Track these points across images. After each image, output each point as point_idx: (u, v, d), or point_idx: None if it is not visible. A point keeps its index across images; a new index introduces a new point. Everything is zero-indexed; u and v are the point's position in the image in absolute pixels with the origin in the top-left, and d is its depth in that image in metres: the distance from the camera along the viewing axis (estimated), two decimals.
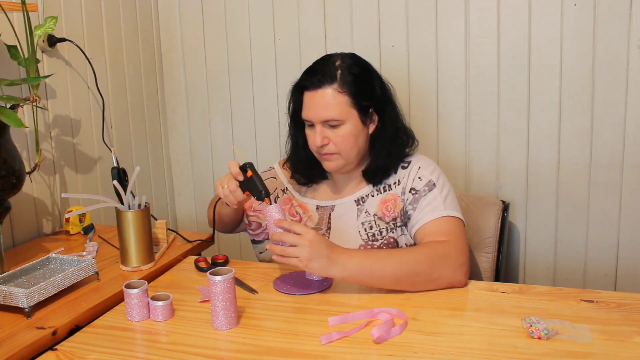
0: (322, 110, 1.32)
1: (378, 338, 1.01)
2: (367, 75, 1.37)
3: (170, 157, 2.30)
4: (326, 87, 1.31)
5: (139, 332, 1.11)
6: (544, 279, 1.89)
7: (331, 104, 1.31)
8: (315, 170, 1.46)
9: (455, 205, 1.34)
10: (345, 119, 1.32)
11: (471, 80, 1.84)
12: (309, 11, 1.99)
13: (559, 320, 1.05)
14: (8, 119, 1.29)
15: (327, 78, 1.32)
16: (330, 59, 1.36)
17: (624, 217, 1.77)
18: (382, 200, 1.39)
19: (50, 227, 1.72)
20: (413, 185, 1.36)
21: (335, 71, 1.32)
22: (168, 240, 1.56)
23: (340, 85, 1.31)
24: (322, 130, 1.33)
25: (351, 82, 1.32)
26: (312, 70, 1.37)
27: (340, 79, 1.32)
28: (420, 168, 1.38)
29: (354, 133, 1.34)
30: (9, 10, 1.54)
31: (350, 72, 1.33)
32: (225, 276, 1.07)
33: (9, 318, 1.14)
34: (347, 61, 1.35)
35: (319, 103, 1.32)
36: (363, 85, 1.34)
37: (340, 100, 1.31)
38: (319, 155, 1.39)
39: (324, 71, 1.33)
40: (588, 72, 1.72)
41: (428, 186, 1.34)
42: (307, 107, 1.34)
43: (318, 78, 1.32)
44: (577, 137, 1.77)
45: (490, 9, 1.78)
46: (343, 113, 1.31)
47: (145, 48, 2.13)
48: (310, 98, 1.33)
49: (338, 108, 1.31)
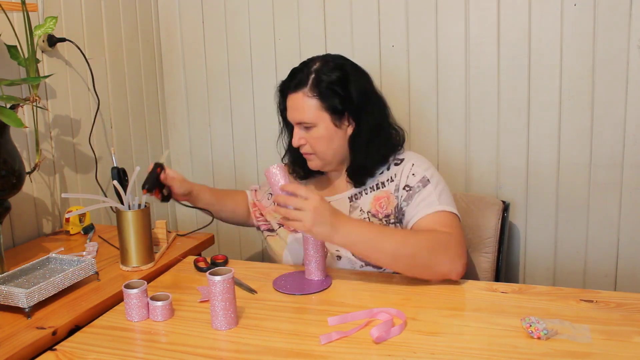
0: (295, 112, 1.38)
1: (377, 338, 1.01)
2: (344, 79, 1.37)
3: (170, 157, 2.30)
4: (299, 91, 1.37)
5: (139, 332, 1.11)
6: (543, 279, 1.89)
7: (302, 107, 1.36)
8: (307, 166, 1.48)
9: (450, 201, 1.35)
10: (316, 122, 1.36)
11: (471, 80, 1.84)
12: (309, 11, 1.99)
13: (559, 320, 1.05)
14: (8, 119, 1.30)
15: (301, 82, 1.37)
16: (310, 62, 1.40)
17: (624, 217, 1.77)
18: (375, 197, 1.41)
19: (50, 227, 1.72)
20: (407, 182, 1.37)
21: (309, 76, 1.37)
22: (168, 240, 1.56)
23: (311, 90, 1.36)
24: (298, 131, 1.39)
25: (323, 87, 1.35)
26: (292, 72, 1.42)
27: (311, 84, 1.36)
28: (413, 165, 1.39)
29: (325, 135, 1.37)
30: (9, 10, 1.54)
31: (324, 77, 1.35)
32: (224, 276, 1.07)
33: (9, 318, 1.14)
34: (326, 65, 1.38)
35: (294, 106, 1.38)
36: (336, 90, 1.35)
37: (310, 104, 1.35)
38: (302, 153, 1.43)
39: (299, 75, 1.38)
40: (588, 72, 1.72)
41: (422, 182, 1.36)
42: (287, 108, 1.41)
43: (294, 82, 1.38)
44: (577, 137, 1.77)
45: (490, 9, 1.78)
46: (313, 116, 1.36)
47: (145, 48, 2.13)
48: (289, 100, 1.40)
49: (308, 111, 1.36)
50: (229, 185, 2.25)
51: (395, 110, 1.51)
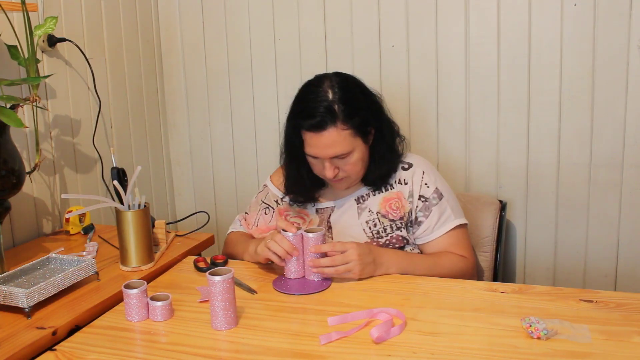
0: (329, 149, 1.32)
1: (377, 338, 1.01)
2: (362, 98, 1.36)
3: (170, 157, 2.31)
4: (330, 127, 1.30)
5: (139, 332, 1.11)
6: (543, 279, 1.89)
7: (338, 141, 1.31)
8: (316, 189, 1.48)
9: (459, 208, 1.44)
10: (353, 150, 1.34)
11: (471, 80, 1.84)
12: (309, 11, 1.99)
13: (559, 320, 1.05)
14: (8, 119, 1.30)
15: (327, 118, 1.29)
16: (319, 92, 1.33)
17: (624, 217, 1.77)
18: (384, 198, 1.42)
19: (50, 227, 1.72)
20: (421, 192, 1.41)
21: (333, 106, 1.30)
22: (167, 240, 1.56)
23: (342, 122, 1.30)
24: (331, 164, 1.34)
25: (351, 114, 1.31)
26: (309, 110, 1.32)
27: (340, 115, 1.30)
28: (424, 173, 1.43)
29: (361, 157, 1.37)
30: (9, 10, 1.54)
31: (347, 104, 1.31)
32: (224, 276, 1.07)
33: (9, 318, 1.14)
34: (338, 91, 1.32)
35: (326, 143, 1.31)
36: (361, 112, 1.34)
37: (346, 135, 1.31)
38: (328, 180, 1.40)
39: (321, 112, 1.30)
40: (588, 72, 1.72)
41: (437, 194, 1.41)
42: (312, 146, 1.33)
43: (318, 120, 1.30)
44: (577, 137, 1.77)
45: (490, 9, 1.78)
46: (350, 146, 1.33)
47: (145, 48, 2.13)
48: (315, 139, 1.32)
49: (345, 143, 1.32)
50: (229, 185, 2.25)
51: (395, 110, 1.51)
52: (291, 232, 1.27)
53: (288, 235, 1.27)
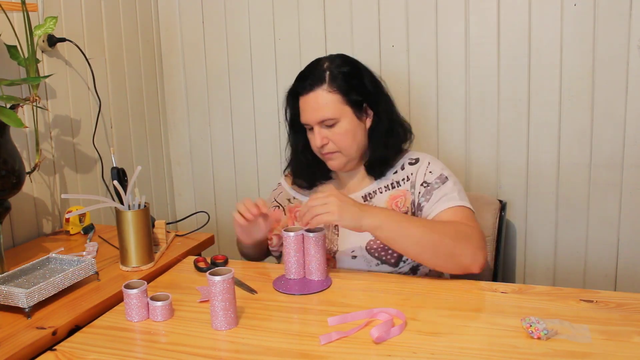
0: (316, 112, 1.37)
1: (377, 338, 1.01)
2: (356, 71, 1.41)
3: (170, 157, 2.31)
4: (317, 89, 1.37)
5: (139, 332, 1.11)
6: (543, 279, 1.89)
7: (324, 104, 1.36)
8: (317, 173, 1.49)
9: (467, 199, 1.38)
10: (339, 117, 1.37)
11: (471, 80, 1.84)
12: (309, 11, 1.99)
13: (559, 321, 1.05)
14: (8, 119, 1.30)
15: (316, 81, 1.37)
16: (320, 61, 1.42)
17: (624, 217, 1.77)
18: (391, 196, 1.42)
19: (50, 227, 1.72)
20: (425, 179, 1.39)
21: (324, 73, 1.38)
22: (167, 240, 1.56)
23: (330, 85, 1.36)
24: (320, 131, 1.38)
25: (340, 80, 1.37)
26: (303, 75, 1.42)
27: (329, 79, 1.37)
28: (430, 164, 1.42)
29: (350, 129, 1.38)
30: (9, 10, 1.54)
31: (339, 71, 1.38)
32: (224, 276, 1.07)
33: (9, 318, 1.14)
34: (335, 61, 1.40)
35: (313, 105, 1.37)
36: (353, 81, 1.38)
37: (332, 99, 1.36)
38: (322, 156, 1.43)
39: (313, 74, 1.38)
40: (588, 72, 1.72)
41: (441, 179, 1.38)
42: (303, 111, 1.40)
43: (309, 82, 1.38)
44: (577, 137, 1.77)
45: (490, 9, 1.78)
46: (336, 111, 1.36)
47: (145, 48, 2.13)
48: (305, 102, 1.39)
49: (331, 107, 1.36)
50: (229, 185, 2.25)
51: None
52: (292, 232, 1.27)
53: (289, 235, 1.27)
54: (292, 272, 1.30)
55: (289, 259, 1.29)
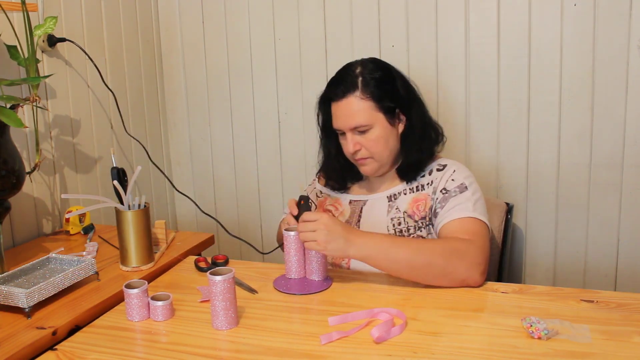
0: (349, 118, 1.36)
1: (378, 338, 1.01)
2: (389, 77, 1.40)
3: (170, 157, 2.30)
4: (350, 95, 1.35)
5: (139, 332, 1.11)
6: (543, 278, 1.89)
7: (356, 111, 1.35)
8: (349, 176, 1.49)
9: (483, 211, 1.35)
10: (372, 124, 1.36)
11: (471, 80, 1.84)
12: (309, 11, 1.99)
13: (559, 321, 1.05)
14: (8, 119, 1.29)
15: (349, 87, 1.35)
16: (351, 67, 1.40)
17: (624, 217, 1.77)
18: (414, 199, 1.42)
19: (50, 227, 1.72)
20: (445, 185, 1.38)
21: (357, 79, 1.36)
22: (167, 240, 1.56)
23: (363, 92, 1.35)
24: (352, 137, 1.37)
25: (373, 86, 1.35)
26: (335, 81, 1.40)
27: (361, 86, 1.35)
28: (455, 171, 1.40)
29: (383, 135, 1.37)
30: (9, 10, 1.54)
31: (372, 77, 1.36)
32: (225, 276, 1.07)
33: (9, 318, 1.14)
34: (368, 66, 1.39)
35: (345, 112, 1.36)
36: (385, 87, 1.37)
37: (365, 106, 1.35)
38: (354, 161, 1.42)
39: (345, 80, 1.37)
40: (588, 72, 1.72)
41: (460, 188, 1.36)
42: (336, 117, 1.39)
43: (341, 88, 1.36)
44: (577, 137, 1.77)
45: (490, 9, 1.78)
46: (369, 118, 1.35)
47: (145, 48, 2.13)
48: (337, 108, 1.38)
49: (364, 114, 1.35)
50: (229, 185, 2.25)
51: None
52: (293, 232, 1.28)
53: (289, 235, 1.28)
54: (293, 272, 1.30)
55: (289, 258, 1.29)
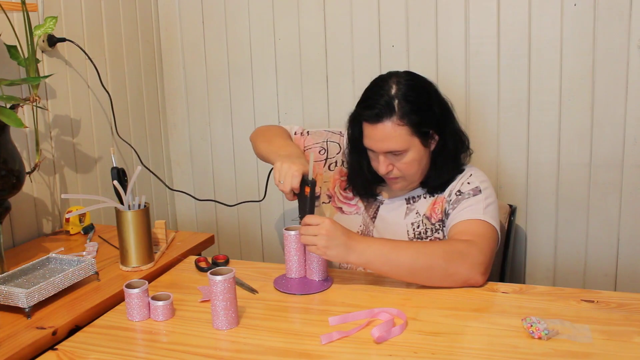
0: (383, 143, 1.32)
1: (378, 338, 1.01)
2: (425, 98, 1.35)
3: (170, 157, 2.30)
4: (385, 120, 1.30)
5: (140, 332, 1.11)
6: (544, 278, 1.89)
7: (392, 136, 1.30)
8: (376, 185, 1.47)
9: (494, 216, 1.33)
10: (407, 148, 1.32)
11: (471, 80, 1.84)
12: (309, 11, 1.99)
13: (560, 321, 1.05)
14: (8, 119, 1.29)
15: (385, 111, 1.29)
16: (385, 85, 1.33)
17: (624, 217, 1.77)
18: (433, 202, 1.41)
19: (50, 227, 1.72)
20: (460, 188, 1.37)
21: (392, 101, 1.30)
22: (167, 240, 1.56)
23: (399, 117, 1.29)
24: (385, 159, 1.34)
25: (410, 111, 1.30)
26: (369, 102, 1.33)
27: (398, 111, 1.29)
28: (471, 175, 1.40)
29: (417, 159, 1.34)
30: (9, 10, 1.54)
31: (408, 101, 1.30)
32: (225, 276, 1.07)
33: (9, 318, 1.14)
34: (403, 87, 1.32)
35: (380, 136, 1.31)
36: (422, 111, 1.32)
37: (401, 132, 1.30)
38: (384, 176, 1.39)
39: (380, 104, 1.30)
40: (588, 72, 1.72)
41: (474, 191, 1.36)
42: (368, 137, 1.34)
43: (376, 112, 1.30)
44: (577, 137, 1.77)
45: (490, 9, 1.78)
46: (405, 143, 1.31)
47: (145, 48, 2.13)
48: (371, 130, 1.32)
49: (400, 140, 1.31)
50: (229, 185, 2.24)
51: None
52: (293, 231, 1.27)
53: (290, 234, 1.27)
54: (293, 271, 1.30)
55: (289, 258, 1.29)
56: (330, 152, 1.55)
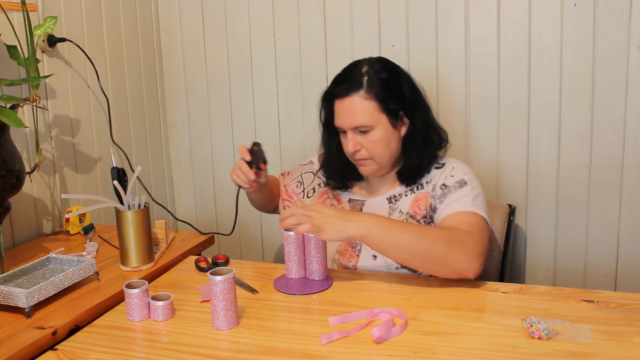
0: (351, 117, 1.34)
1: (378, 338, 1.01)
2: (395, 78, 1.37)
3: (170, 157, 2.30)
4: (353, 94, 1.33)
5: (140, 332, 1.11)
6: (544, 278, 1.89)
7: (359, 110, 1.33)
8: (350, 175, 1.48)
9: (483, 206, 1.34)
10: (374, 124, 1.34)
11: (471, 80, 1.84)
12: (309, 11, 1.99)
13: (560, 321, 1.05)
14: (8, 119, 1.29)
15: (354, 85, 1.33)
16: (358, 65, 1.37)
17: (624, 217, 1.77)
18: (415, 199, 1.41)
19: (50, 227, 1.72)
20: (445, 181, 1.37)
21: (362, 78, 1.34)
22: (167, 240, 1.56)
23: (367, 92, 1.33)
24: (353, 136, 1.36)
25: (378, 87, 1.33)
26: (340, 78, 1.38)
27: (366, 86, 1.33)
28: (454, 168, 1.40)
29: (384, 137, 1.35)
30: (9, 10, 1.54)
31: (378, 78, 1.34)
32: (225, 276, 1.07)
33: (9, 318, 1.14)
34: (375, 66, 1.36)
35: (348, 110, 1.34)
36: (391, 89, 1.35)
37: (368, 106, 1.32)
38: (354, 161, 1.41)
39: (350, 79, 1.35)
40: (588, 71, 1.72)
41: (459, 183, 1.35)
42: (338, 115, 1.37)
43: (345, 86, 1.34)
44: (577, 137, 1.77)
45: (490, 9, 1.78)
46: (372, 119, 1.33)
47: (145, 48, 2.13)
48: (340, 106, 1.36)
49: (366, 114, 1.33)
50: (229, 185, 2.24)
51: None
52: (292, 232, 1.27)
53: (289, 235, 1.27)
54: (293, 272, 1.30)
55: (289, 258, 1.29)
56: (306, 182, 1.57)
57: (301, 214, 1.18)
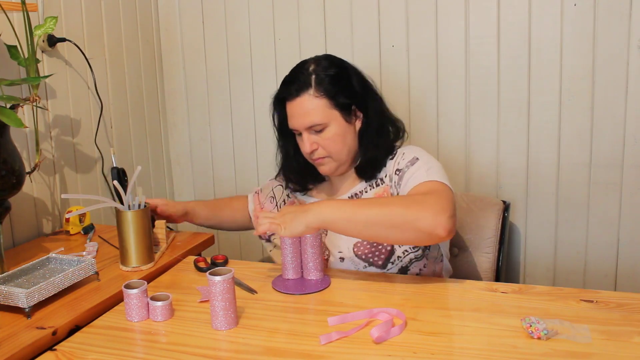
0: (303, 117, 1.34)
1: (377, 338, 1.01)
2: (343, 73, 1.38)
3: (170, 157, 2.31)
4: (303, 94, 1.34)
5: (139, 332, 1.11)
6: (543, 279, 1.89)
7: (311, 109, 1.33)
8: (309, 177, 1.48)
9: (440, 173, 1.30)
10: (328, 122, 1.34)
11: (471, 80, 1.84)
12: (309, 11, 1.99)
13: (559, 321, 1.05)
14: (8, 119, 1.29)
15: (303, 85, 1.34)
16: (305, 65, 1.39)
17: (624, 217, 1.77)
18: (375, 194, 1.41)
19: (50, 227, 1.72)
20: (398, 166, 1.37)
21: (310, 77, 1.35)
22: (167, 240, 1.56)
23: (317, 90, 1.34)
24: (308, 137, 1.36)
25: (327, 84, 1.34)
26: (288, 79, 1.39)
27: (315, 84, 1.34)
28: (404, 153, 1.40)
29: (339, 133, 1.36)
30: (9, 10, 1.54)
31: (325, 75, 1.35)
32: (224, 276, 1.07)
33: (9, 318, 1.14)
34: (321, 64, 1.37)
35: (300, 111, 1.35)
36: (340, 84, 1.36)
37: (319, 104, 1.33)
38: (312, 161, 1.41)
39: (299, 79, 1.36)
40: (588, 72, 1.72)
41: (411, 162, 1.35)
42: (291, 116, 1.38)
43: (295, 87, 1.35)
44: (577, 137, 1.77)
45: (490, 9, 1.78)
46: (324, 116, 1.34)
47: (145, 48, 2.13)
48: (292, 107, 1.37)
49: (318, 112, 1.33)
50: (229, 185, 2.25)
51: (395, 110, 1.51)
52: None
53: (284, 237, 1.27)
54: (289, 272, 1.30)
55: (285, 259, 1.29)
56: (277, 196, 1.56)
57: (263, 217, 1.22)
